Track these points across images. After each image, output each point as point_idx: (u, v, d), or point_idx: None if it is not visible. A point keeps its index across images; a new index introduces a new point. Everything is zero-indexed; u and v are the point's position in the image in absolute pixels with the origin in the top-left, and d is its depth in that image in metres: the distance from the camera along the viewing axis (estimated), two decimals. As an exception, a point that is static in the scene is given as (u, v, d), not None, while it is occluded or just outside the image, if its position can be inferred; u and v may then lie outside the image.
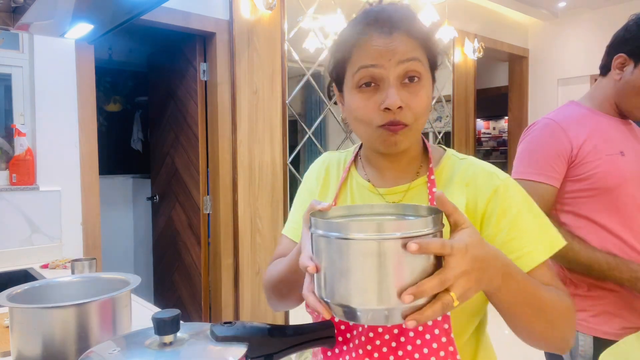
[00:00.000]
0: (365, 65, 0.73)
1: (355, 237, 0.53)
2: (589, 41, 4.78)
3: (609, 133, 1.33)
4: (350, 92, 0.77)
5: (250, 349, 0.63)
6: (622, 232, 1.29)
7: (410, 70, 0.73)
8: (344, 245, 0.54)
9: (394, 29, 0.73)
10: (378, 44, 0.73)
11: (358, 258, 0.53)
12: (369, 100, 0.74)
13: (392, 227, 0.52)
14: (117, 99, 4.52)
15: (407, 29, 0.74)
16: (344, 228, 0.54)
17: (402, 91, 0.73)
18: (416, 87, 0.74)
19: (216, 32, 2.85)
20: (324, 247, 0.57)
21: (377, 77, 0.73)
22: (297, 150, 3.33)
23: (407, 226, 0.53)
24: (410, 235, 0.52)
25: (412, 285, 0.53)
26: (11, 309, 0.83)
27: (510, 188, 0.78)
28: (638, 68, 1.30)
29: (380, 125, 0.74)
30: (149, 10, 1.26)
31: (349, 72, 0.77)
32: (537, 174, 1.32)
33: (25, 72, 2.30)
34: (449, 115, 4.47)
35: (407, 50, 0.73)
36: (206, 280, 3.13)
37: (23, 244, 2.21)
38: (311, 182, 0.94)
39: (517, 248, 0.74)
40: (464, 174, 0.80)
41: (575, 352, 1.32)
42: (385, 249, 0.52)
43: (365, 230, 0.53)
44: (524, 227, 0.75)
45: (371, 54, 0.73)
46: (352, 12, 3.43)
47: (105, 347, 0.62)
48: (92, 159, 2.45)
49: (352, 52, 0.76)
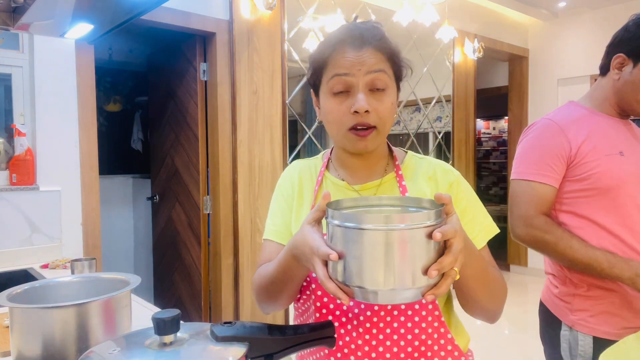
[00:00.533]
0: (338, 73, 0.85)
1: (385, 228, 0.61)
2: (589, 41, 4.78)
3: (608, 133, 1.33)
4: (325, 97, 0.89)
5: (250, 349, 0.63)
6: (621, 232, 1.29)
7: (376, 80, 0.85)
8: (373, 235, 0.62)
9: (364, 44, 0.85)
10: (350, 56, 0.84)
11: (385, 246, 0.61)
12: (341, 104, 0.86)
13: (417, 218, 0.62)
14: (117, 99, 4.52)
15: (376, 45, 0.86)
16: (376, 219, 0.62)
17: (370, 98, 0.85)
18: (382, 95, 0.86)
19: (216, 32, 2.85)
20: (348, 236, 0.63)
21: (349, 84, 0.85)
22: (297, 150, 3.33)
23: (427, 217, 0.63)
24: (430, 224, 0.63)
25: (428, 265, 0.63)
26: (11, 309, 0.83)
27: (461, 183, 0.94)
28: (637, 68, 1.30)
29: (350, 127, 0.86)
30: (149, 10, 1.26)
31: (325, 79, 0.88)
32: (536, 174, 1.33)
33: (25, 72, 2.30)
34: (449, 115, 4.47)
35: (374, 62, 0.85)
36: (206, 280, 3.13)
37: (23, 244, 2.21)
38: (286, 189, 1.01)
39: (468, 229, 0.87)
40: (426, 170, 0.95)
41: (575, 352, 1.32)
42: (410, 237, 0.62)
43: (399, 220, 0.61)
44: (470, 217, 0.91)
45: (344, 64, 0.85)
46: (352, 12, 3.43)
47: (105, 347, 0.62)
48: (92, 159, 2.45)
49: (328, 62, 0.87)
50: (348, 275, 0.64)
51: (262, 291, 0.92)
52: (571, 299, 1.34)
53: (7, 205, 2.17)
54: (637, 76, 1.30)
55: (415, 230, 0.61)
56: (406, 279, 0.62)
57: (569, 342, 1.34)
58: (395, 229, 0.61)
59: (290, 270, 0.81)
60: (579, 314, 1.32)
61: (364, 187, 0.94)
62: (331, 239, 0.67)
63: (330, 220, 0.67)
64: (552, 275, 1.42)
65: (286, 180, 1.02)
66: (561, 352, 1.35)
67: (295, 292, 0.89)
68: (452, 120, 4.48)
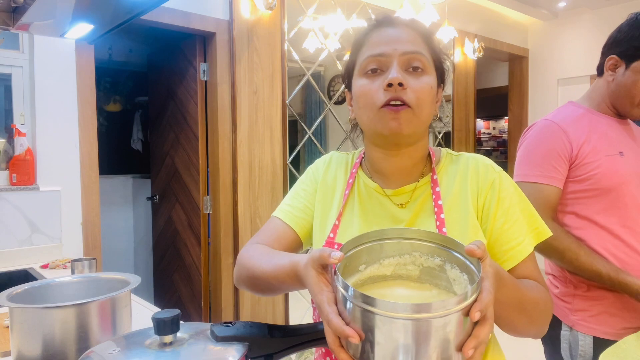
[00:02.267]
0: (373, 54, 0.80)
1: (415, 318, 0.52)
2: (589, 41, 4.78)
3: (607, 133, 1.33)
4: (357, 79, 0.83)
5: (250, 349, 0.63)
6: (623, 232, 1.29)
7: (414, 60, 0.79)
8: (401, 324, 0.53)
9: (400, 25, 0.82)
10: (384, 33, 0.81)
11: (416, 335, 0.53)
12: (374, 82, 0.79)
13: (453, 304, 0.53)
14: (117, 99, 4.52)
15: (412, 27, 0.82)
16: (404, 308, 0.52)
17: (405, 74, 0.78)
18: (419, 74, 0.79)
19: (216, 32, 2.85)
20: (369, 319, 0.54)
21: (383, 63, 0.79)
22: (297, 150, 3.33)
23: (464, 298, 0.53)
24: (467, 305, 0.54)
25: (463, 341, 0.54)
26: (11, 309, 0.83)
27: (504, 180, 0.83)
28: (629, 69, 1.29)
29: (382, 105, 0.77)
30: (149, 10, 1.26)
31: (358, 62, 0.83)
32: (540, 176, 1.31)
33: (25, 72, 2.30)
34: (449, 115, 4.47)
35: (411, 41, 0.80)
36: (206, 280, 3.13)
37: (23, 244, 2.21)
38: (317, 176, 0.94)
39: (511, 238, 0.80)
40: (464, 170, 0.85)
41: (575, 352, 1.32)
42: (444, 324, 0.53)
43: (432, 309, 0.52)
44: (516, 217, 0.81)
45: (378, 44, 0.80)
46: (352, 12, 3.43)
47: (105, 347, 0.62)
48: (92, 159, 2.45)
49: (363, 44, 0.83)
50: (364, 356, 0.56)
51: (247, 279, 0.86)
52: (571, 299, 1.34)
53: (7, 205, 2.17)
54: (629, 78, 1.29)
55: (450, 316, 0.53)
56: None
57: (569, 342, 1.34)
58: (427, 317, 0.52)
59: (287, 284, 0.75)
60: (579, 314, 1.32)
61: (397, 193, 0.85)
62: (343, 310, 0.57)
63: (343, 293, 0.57)
64: (552, 275, 1.42)
65: (319, 166, 0.96)
66: (561, 352, 1.35)
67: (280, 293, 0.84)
68: (452, 120, 4.47)
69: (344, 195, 0.89)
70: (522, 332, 0.77)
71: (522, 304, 0.72)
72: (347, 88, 0.89)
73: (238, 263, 0.89)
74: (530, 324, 0.76)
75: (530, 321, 0.75)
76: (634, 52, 1.28)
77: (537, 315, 0.76)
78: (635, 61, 1.28)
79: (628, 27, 1.31)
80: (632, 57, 1.29)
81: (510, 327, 0.76)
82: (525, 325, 0.75)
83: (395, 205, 0.85)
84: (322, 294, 0.60)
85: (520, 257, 0.79)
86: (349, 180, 0.91)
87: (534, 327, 0.77)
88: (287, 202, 0.95)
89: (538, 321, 0.77)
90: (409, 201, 0.84)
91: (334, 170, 0.94)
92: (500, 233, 0.80)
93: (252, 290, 0.87)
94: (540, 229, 0.83)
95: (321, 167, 0.95)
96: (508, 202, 0.81)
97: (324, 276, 0.62)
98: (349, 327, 0.56)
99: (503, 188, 0.82)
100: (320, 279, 0.62)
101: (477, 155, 0.88)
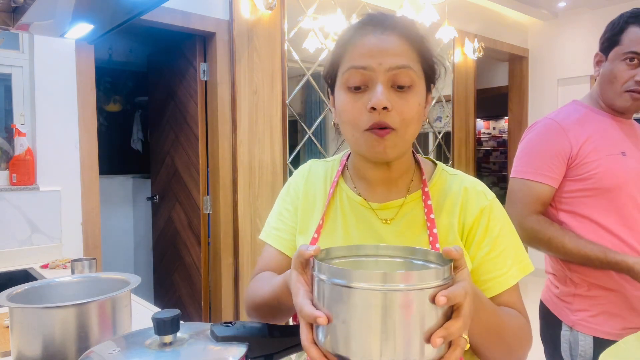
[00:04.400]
0: (355, 65, 0.72)
1: (381, 288, 0.51)
2: (589, 41, 4.78)
3: (610, 133, 1.33)
4: (339, 92, 0.76)
5: (250, 349, 0.63)
6: (622, 231, 1.29)
7: (400, 79, 0.71)
8: (366, 295, 0.51)
9: (387, 29, 0.73)
10: (370, 42, 0.72)
11: (381, 309, 0.51)
12: (357, 102, 0.73)
13: (422, 277, 0.52)
14: (117, 99, 4.52)
15: (401, 31, 0.73)
16: (371, 277, 0.51)
17: (392, 94, 0.71)
18: (406, 93, 0.72)
19: (216, 32, 2.85)
20: (335, 296, 0.53)
21: (366, 79, 0.72)
22: (297, 150, 3.33)
23: (428, 277, 0.52)
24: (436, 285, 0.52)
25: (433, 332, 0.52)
26: (11, 309, 0.83)
27: (495, 209, 0.80)
28: (608, 60, 1.33)
29: (366, 128, 0.72)
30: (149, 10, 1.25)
31: (340, 70, 0.76)
32: (534, 174, 1.33)
33: (25, 72, 2.30)
34: (449, 115, 4.47)
35: (398, 53, 0.71)
36: (206, 280, 3.13)
37: (23, 244, 2.21)
38: (296, 191, 0.90)
39: (495, 268, 0.77)
40: (456, 193, 0.81)
41: (575, 352, 1.32)
42: (411, 300, 0.51)
43: (399, 279, 0.51)
44: (503, 248, 0.78)
45: (362, 54, 0.72)
46: (352, 12, 3.43)
47: (105, 347, 0.62)
48: (92, 159, 2.45)
49: (346, 50, 0.75)
50: (334, 343, 0.53)
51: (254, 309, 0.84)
52: (571, 299, 1.34)
53: (7, 205, 2.17)
54: (607, 67, 1.33)
55: (417, 292, 0.51)
56: (405, 350, 0.51)
57: (569, 342, 1.34)
58: (393, 289, 0.51)
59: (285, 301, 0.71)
60: (580, 314, 1.32)
61: (384, 207, 0.81)
62: (317, 296, 0.56)
63: (316, 273, 0.56)
64: (552, 275, 1.42)
65: (298, 180, 0.91)
66: (561, 352, 1.35)
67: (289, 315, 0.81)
68: (452, 120, 4.47)
69: (326, 203, 0.84)
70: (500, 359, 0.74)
71: (501, 332, 0.70)
72: (330, 90, 0.82)
73: (245, 300, 0.88)
74: (509, 354, 0.73)
75: (509, 351, 0.73)
76: (609, 43, 1.33)
77: (517, 346, 0.74)
78: (611, 51, 1.32)
79: (610, 24, 1.36)
80: (608, 49, 1.34)
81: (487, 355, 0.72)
82: (504, 354, 0.73)
83: (380, 220, 0.81)
84: (298, 292, 0.59)
85: (503, 287, 0.77)
86: (329, 189, 0.86)
87: (512, 355, 0.74)
88: (272, 224, 0.91)
89: (517, 352, 0.74)
90: (394, 218, 0.80)
91: (313, 183, 0.90)
92: (484, 261, 0.78)
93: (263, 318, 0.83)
94: (526, 262, 0.80)
95: (300, 181, 0.91)
96: (497, 231, 0.78)
97: (303, 276, 0.61)
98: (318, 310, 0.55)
99: (493, 217, 0.79)
100: (299, 278, 0.60)
101: (472, 180, 0.84)
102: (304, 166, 0.94)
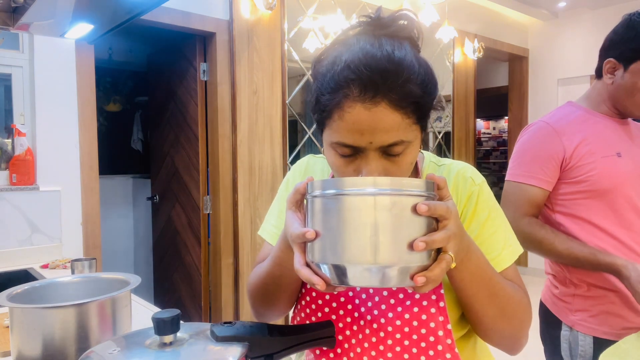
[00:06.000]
0: (344, 142, 0.66)
1: (363, 193, 0.54)
2: (589, 41, 4.78)
3: (605, 134, 1.33)
4: (328, 149, 0.71)
5: (250, 349, 0.63)
6: (619, 233, 1.29)
7: (393, 149, 0.66)
8: (352, 200, 0.54)
9: (377, 102, 0.63)
10: (359, 117, 0.64)
11: (365, 212, 0.54)
12: (347, 166, 0.69)
13: (400, 184, 0.55)
14: (117, 99, 4.52)
15: (393, 99, 0.63)
16: (357, 183, 0.55)
17: (384, 161, 0.67)
18: (400, 158, 0.68)
19: (216, 32, 2.85)
20: (327, 206, 0.56)
21: (356, 151, 0.67)
22: (297, 150, 3.33)
23: (415, 185, 0.55)
24: (418, 194, 0.55)
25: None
26: (11, 309, 0.83)
27: (483, 193, 0.80)
28: (628, 71, 1.28)
29: None
30: (149, 10, 1.25)
31: (327, 132, 0.69)
32: (526, 177, 1.33)
33: (25, 72, 2.30)
34: (449, 115, 4.47)
35: (389, 128, 0.64)
36: (206, 280, 3.13)
37: (23, 244, 2.21)
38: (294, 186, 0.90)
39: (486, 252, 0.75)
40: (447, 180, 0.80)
41: (575, 352, 1.32)
42: (394, 205, 0.54)
43: (383, 184, 0.54)
44: (492, 231, 0.78)
45: (350, 130, 0.65)
46: (352, 12, 3.43)
47: (105, 347, 0.62)
48: (92, 159, 2.45)
49: (333, 113, 0.66)
50: (322, 252, 0.56)
51: (257, 291, 0.83)
52: (571, 299, 1.34)
53: (7, 205, 2.17)
54: (628, 80, 1.28)
55: (404, 197, 0.54)
56: (391, 254, 0.54)
57: (569, 342, 1.34)
58: (381, 193, 0.54)
59: (286, 262, 0.70)
60: (579, 314, 1.32)
61: None
62: (311, 216, 0.59)
63: (309, 195, 0.59)
64: (552, 275, 1.42)
65: (297, 176, 0.92)
66: (561, 353, 1.35)
67: (294, 292, 0.80)
68: (452, 120, 4.48)
69: None
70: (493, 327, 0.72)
71: (492, 287, 0.69)
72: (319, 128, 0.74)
73: (248, 290, 0.88)
74: (502, 318, 0.71)
75: (502, 314, 0.71)
76: (631, 54, 1.27)
77: (510, 309, 0.72)
78: (633, 63, 1.27)
79: (623, 29, 1.30)
80: (629, 60, 1.28)
81: (479, 316, 0.71)
82: (497, 318, 0.71)
83: None
84: (292, 216, 0.62)
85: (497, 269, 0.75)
86: None
87: (506, 322, 0.72)
88: (270, 221, 0.90)
89: (511, 317, 0.72)
90: None
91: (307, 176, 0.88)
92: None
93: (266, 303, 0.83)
94: (516, 245, 0.80)
95: (298, 176, 0.91)
96: (485, 215, 0.77)
97: (297, 214, 0.63)
98: (302, 226, 0.58)
99: (481, 201, 0.78)
100: (294, 215, 0.63)
101: (461, 166, 0.83)
102: (301, 161, 0.94)
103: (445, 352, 0.70)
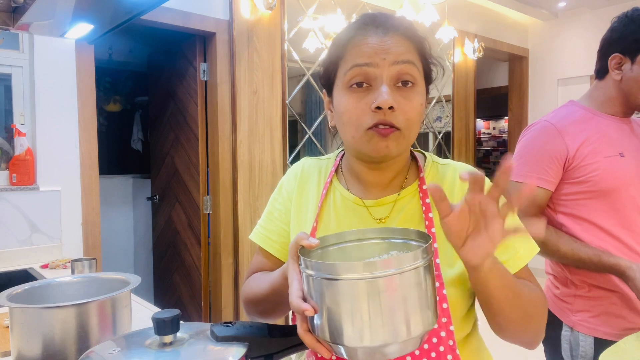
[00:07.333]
0: (358, 63, 0.71)
1: (353, 278, 0.53)
2: (589, 41, 4.78)
3: (608, 134, 1.33)
4: (341, 93, 0.75)
5: (250, 349, 0.63)
6: (622, 233, 1.29)
7: (404, 73, 0.71)
8: (349, 286, 0.53)
9: (389, 30, 0.73)
10: (373, 42, 0.71)
11: (365, 298, 0.53)
12: (360, 101, 0.72)
13: (392, 264, 0.53)
14: (117, 99, 4.52)
15: (403, 31, 0.73)
16: (350, 269, 0.53)
17: (395, 94, 0.71)
18: (410, 92, 0.72)
19: (216, 32, 2.85)
20: (322, 289, 0.55)
21: (370, 76, 0.71)
22: (297, 150, 3.33)
23: (407, 260, 0.53)
24: (416, 266, 0.54)
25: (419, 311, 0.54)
26: (11, 309, 0.83)
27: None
28: (636, 63, 1.29)
29: (369, 127, 0.71)
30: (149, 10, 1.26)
31: (341, 70, 0.75)
32: (528, 177, 1.32)
33: (25, 72, 2.30)
34: (449, 115, 4.47)
35: (401, 51, 0.71)
36: (206, 280, 3.13)
37: (23, 244, 2.21)
38: (288, 191, 0.89)
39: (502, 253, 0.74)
40: (451, 182, 0.81)
41: (575, 353, 1.32)
42: (391, 285, 0.53)
43: (365, 269, 0.53)
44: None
45: (365, 52, 0.71)
46: (352, 12, 3.43)
47: (105, 347, 0.62)
48: (92, 159, 2.45)
49: (347, 49, 0.74)
50: (325, 331, 0.56)
51: (252, 306, 0.84)
52: (572, 300, 1.34)
53: (7, 205, 2.17)
54: (638, 71, 1.29)
55: (398, 276, 0.53)
56: (392, 331, 0.53)
57: (569, 342, 1.34)
58: (375, 277, 0.52)
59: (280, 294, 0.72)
60: (580, 314, 1.32)
61: (378, 204, 0.80)
62: (307, 288, 0.58)
63: (302, 268, 0.58)
64: (552, 276, 1.42)
65: (291, 180, 0.90)
66: (562, 353, 1.35)
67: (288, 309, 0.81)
68: (452, 120, 4.47)
69: (319, 202, 0.84)
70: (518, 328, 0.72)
71: (517, 296, 0.69)
72: (327, 92, 0.81)
73: (242, 300, 0.88)
74: (526, 318, 0.71)
75: (526, 315, 0.71)
76: (637, 45, 1.28)
77: (533, 309, 0.72)
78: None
79: (623, 24, 1.31)
80: (636, 51, 1.28)
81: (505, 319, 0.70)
82: (521, 320, 0.71)
83: (374, 219, 0.80)
84: (292, 282, 0.60)
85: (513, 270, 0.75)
86: (322, 190, 0.85)
87: (530, 323, 0.72)
88: (262, 224, 0.91)
89: (534, 317, 0.73)
90: (389, 216, 0.79)
91: (306, 183, 0.89)
92: None
93: (263, 316, 0.84)
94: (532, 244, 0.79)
95: (293, 181, 0.90)
96: None
97: (298, 265, 0.61)
98: (305, 303, 0.57)
99: None
100: (295, 267, 0.62)
101: (463, 167, 0.84)
102: (296, 165, 0.93)
103: (447, 354, 0.70)
